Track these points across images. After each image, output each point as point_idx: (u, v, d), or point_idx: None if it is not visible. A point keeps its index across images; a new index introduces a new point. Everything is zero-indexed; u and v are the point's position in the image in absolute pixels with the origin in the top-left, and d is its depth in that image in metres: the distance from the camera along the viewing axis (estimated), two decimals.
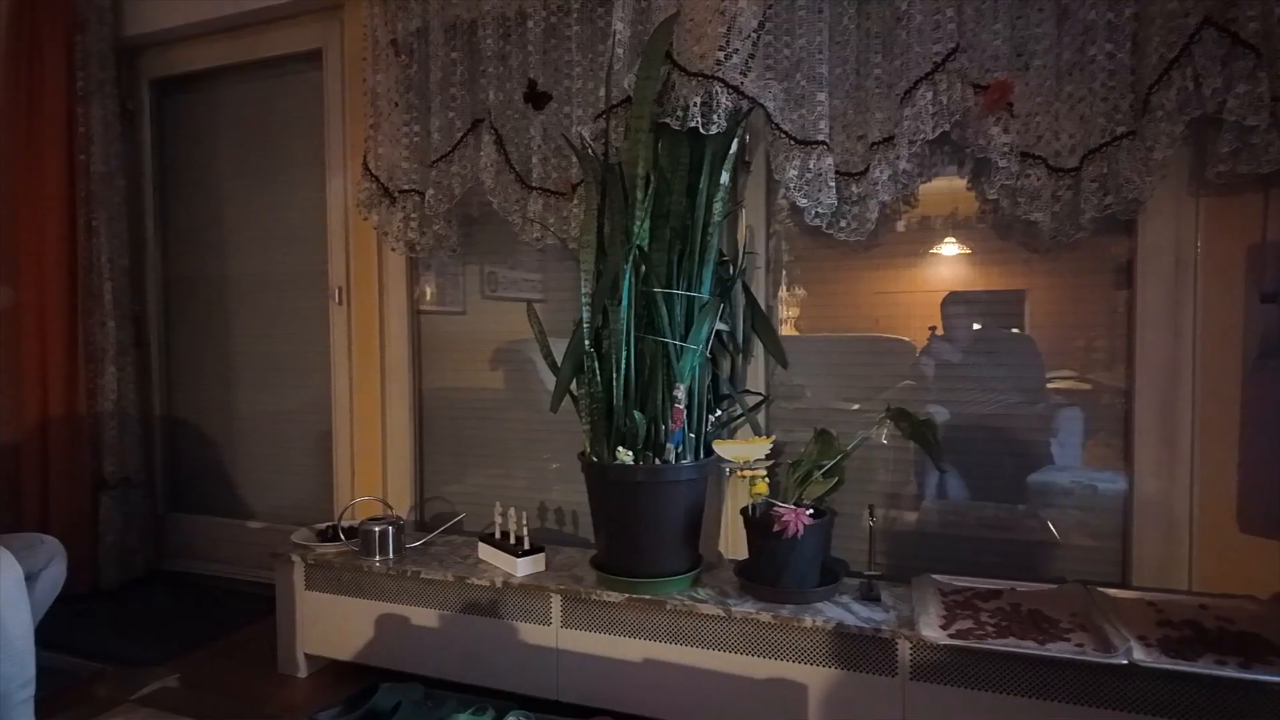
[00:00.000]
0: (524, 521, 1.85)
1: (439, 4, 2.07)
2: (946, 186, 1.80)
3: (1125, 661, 1.26)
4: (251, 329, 2.67)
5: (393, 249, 2.25)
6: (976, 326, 1.86)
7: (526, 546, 1.82)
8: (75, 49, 2.50)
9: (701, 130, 1.67)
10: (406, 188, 2.11)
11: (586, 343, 1.70)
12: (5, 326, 2.56)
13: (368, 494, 2.36)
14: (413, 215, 2.12)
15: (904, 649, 1.43)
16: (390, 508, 2.25)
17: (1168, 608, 1.49)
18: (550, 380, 2.24)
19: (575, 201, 1.96)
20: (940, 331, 1.86)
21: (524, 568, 1.79)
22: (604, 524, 1.73)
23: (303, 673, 1.98)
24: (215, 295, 2.71)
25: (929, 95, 1.64)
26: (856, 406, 1.92)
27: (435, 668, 1.83)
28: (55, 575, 1.28)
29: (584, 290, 1.73)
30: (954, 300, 1.85)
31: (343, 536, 1.99)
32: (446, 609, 1.82)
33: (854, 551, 1.86)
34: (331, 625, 1.94)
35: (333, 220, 2.43)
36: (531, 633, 1.75)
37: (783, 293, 1.97)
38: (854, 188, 1.74)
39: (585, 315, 1.71)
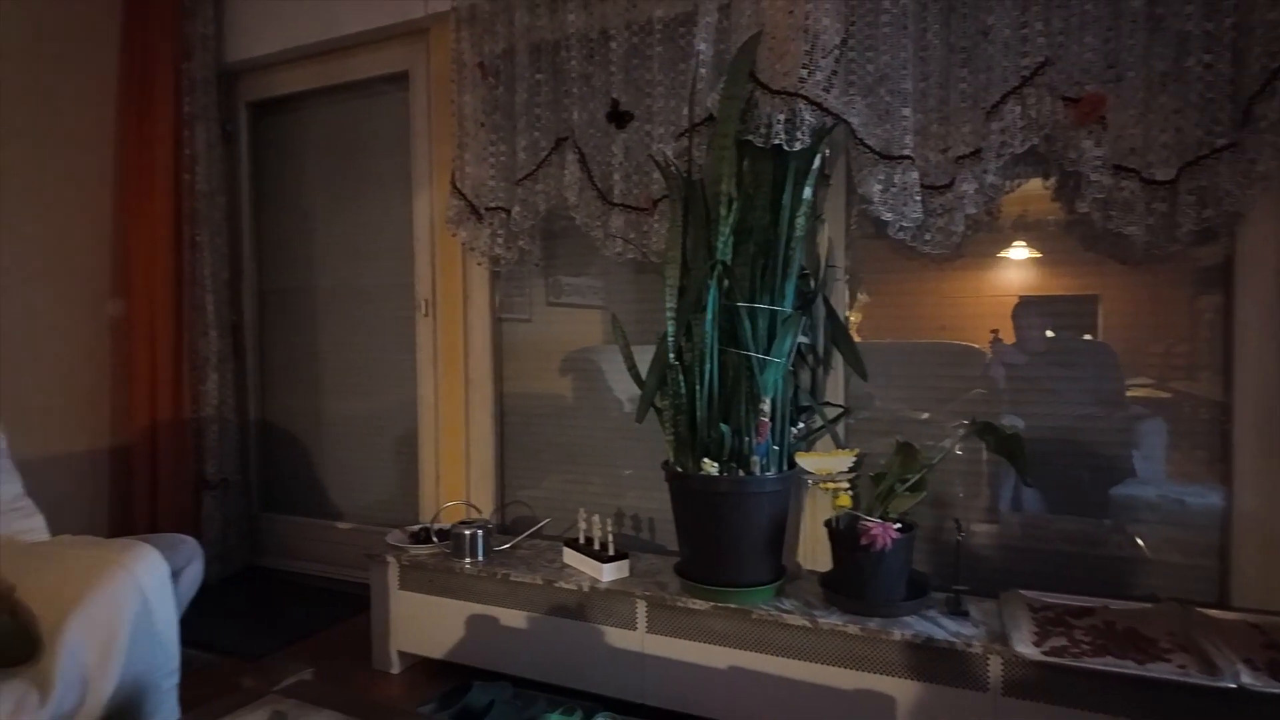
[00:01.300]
0: (608, 528, 1.91)
1: (524, 26, 2.14)
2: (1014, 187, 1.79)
3: (1234, 685, 1.24)
4: (340, 338, 2.80)
5: (479, 263, 2.34)
6: (1050, 334, 1.84)
7: (611, 552, 1.88)
8: (182, 76, 2.66)
9: (785, 147, 1.70)
10: (493, 205, 2.20)
11: (671, 355, 1.74)
12: (118, 336, 2.75)
13: (452, 497, 2.45)
14: (499, 231, 2.20)
15: (996, 665, 1.44)
16: (479, 511, 2.34)
17: (1273, 630, 1.45)
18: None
19: (656, 216, 2.01)
20: (1003, 336, 1.86)
21: (609, 573, 1.85)
22: (688, 533, 1.77)
23: (396, 669, 2.07)
24: (306, 306, 2.86)
25: (1017, 109, 1.64)
26: (926, 416, 1.92)
27: (523, 668, 1.90)
28: (195, 573, 1.39)
29: (668, 305, 1.77)
30: (1025, 305, 1.84)
31: (435, 539, 2.08)
32: (535, 611, 1.89)
33: (929, 564, 1.86)
34: (423, 624, 2.03)
35: (419, 235, 2.54)
36: (617, 637, 1.80)
37: (844, 297, 1.98)
38: (939, 200, 1.74)
39: (670, 329, 1.76)
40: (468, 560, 2.00)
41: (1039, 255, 1.83)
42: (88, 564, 1.26)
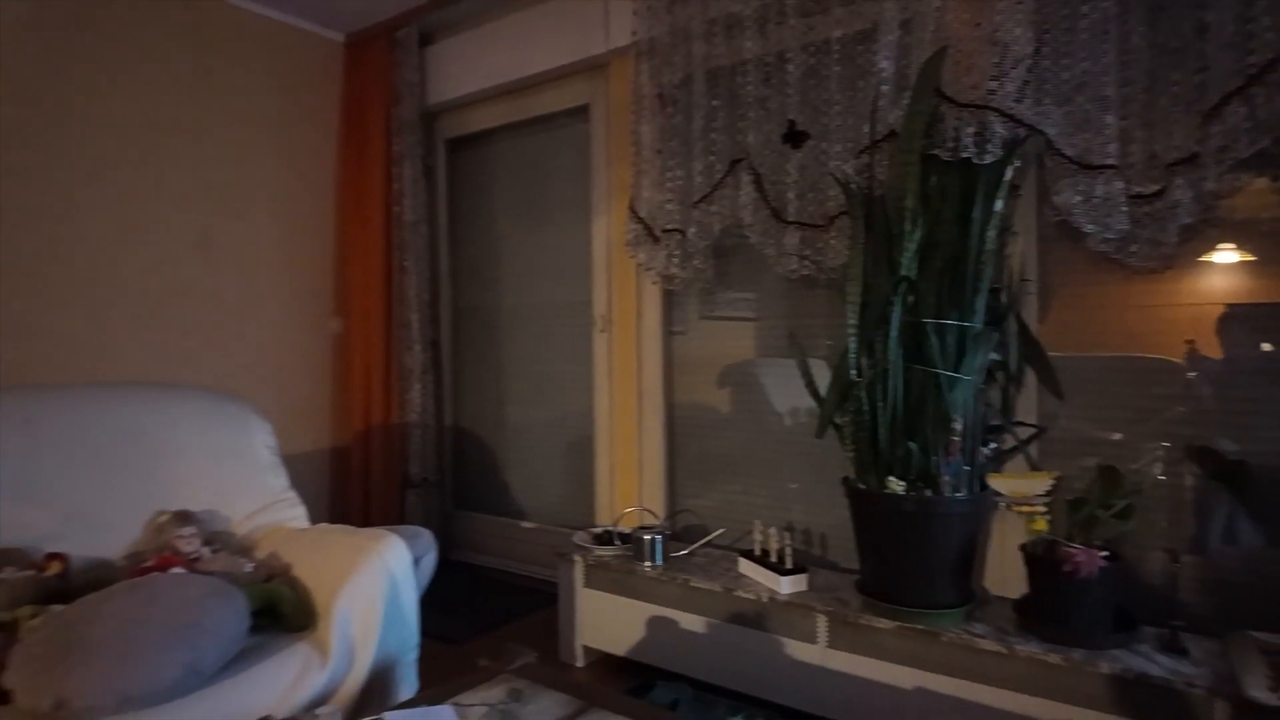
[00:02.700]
0: (786, 541, 1.95)
1: (702, 56, 2.25)
2: None
3: None
4: (523, 352, 3.03)
5: (654, 283, 2.46)
6: (1266, 346, 1.66)
7: (788, 565, 1.92)
8: (391, 120, 3.01)
9: (975, 160, 1.68)
10: (669, 227, 2.31)
11: (853, 372, 1.76)
12: (338, 351, 3.14)
13: (626, 503, 2.59)
14: (675, 252, 2.31)
15: (1222, 709, 1.33)
16: (656, 517, 2.46)
17: None
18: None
19: (832, 234, 2.04)
20: (1201, 348, 1.70)
21: (787, 586, 1.89)
22: (871, 550, 1.78)
23: (580, 662, 2.22)
24: (492, 323, 3.12)
25: (1242, 110, 1.52)
26: (1118, 436, 1.80)
27: (701, 671, 1.98)
28: (430, 562, 1.59)
29: (850, 321, 1.79)
30: (1233, 314, 1.67)
31: (618, 541, 2.22)
32: (713, 617, 1.96)
33: (1130, 597, 1.74)
34: (607, 621, 2.16)
35: (597, 256, 2.71)
36: (797, 649, 1.83)
37: (1035, 311, 1.90)
38: (1146, 209, 1.65)
39: (851, 345, 1.78)
40: (648, 563, 2.11)
41: (1252, 258, 1.67)
42: (348, 549, 1.48)
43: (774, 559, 1.97)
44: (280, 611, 1.41)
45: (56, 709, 1.08)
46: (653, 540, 2.12)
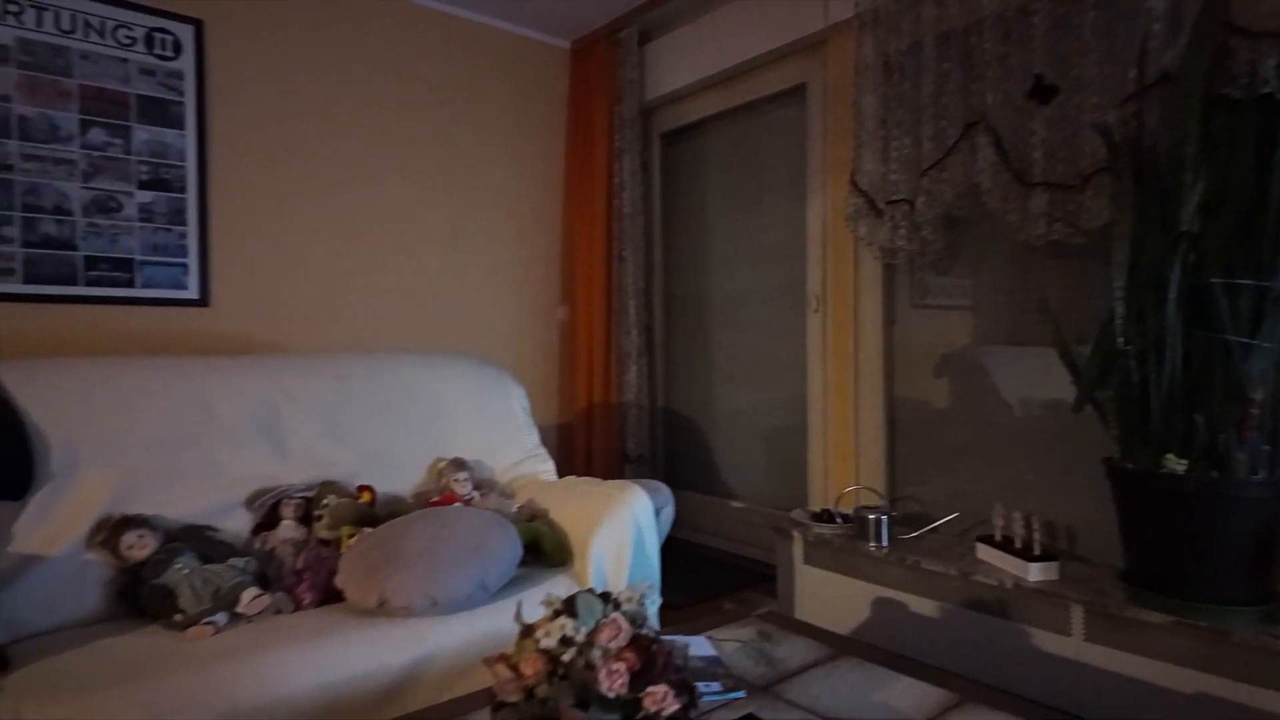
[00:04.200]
0: (1035, 526, 1.82)
1: (932, 19, 2.16)
2: None
3: None
4: (731, 337, 3.08)
5: (876, 258, 2.40)
6: None
7: (1037, 552, 1.78)
8: (614, 117, 3.20)
9: (1278, 96, 1.46)
10: (895, 198, 2.24)
11: (1120, 340, 1.60)
12: (564, 336, 3.39)
13: (841, 487, 2.54)
14: (901, 223, 2.23)
15: None
16: (882, 497, 2.39)
17: None
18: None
19: (1088, 192, 1.86)
20: None
21: (1036, 573, 1.75)
22: (1140, 537, 1.60)
23: None
24: (702, 308, 3.20)
25: None
26: None
27: (934, 656, 1.90)
28: (668, 514, 1.68)
29: (1117, 285, 1.63)
30: None
31: (839, 520, 2.19)
32: (947, 601, 1.87)
33: None
34: (827, 599, 2.14)
35: (812, 235, 2.69)
36: (1046, 640, 1.70)
37: None
38: None
39: (1118, 310, 1.62)
40: (872, 543, 2.05)
41: None
42: (598, 496, 1.61)
43: (1018, 545, 1.84)
44: (541, 548, 1.56)
45: (379, 605, 1.28)
46: (878, 520, 2.06)
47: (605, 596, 0.78)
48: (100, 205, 2.38)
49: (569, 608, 0.75)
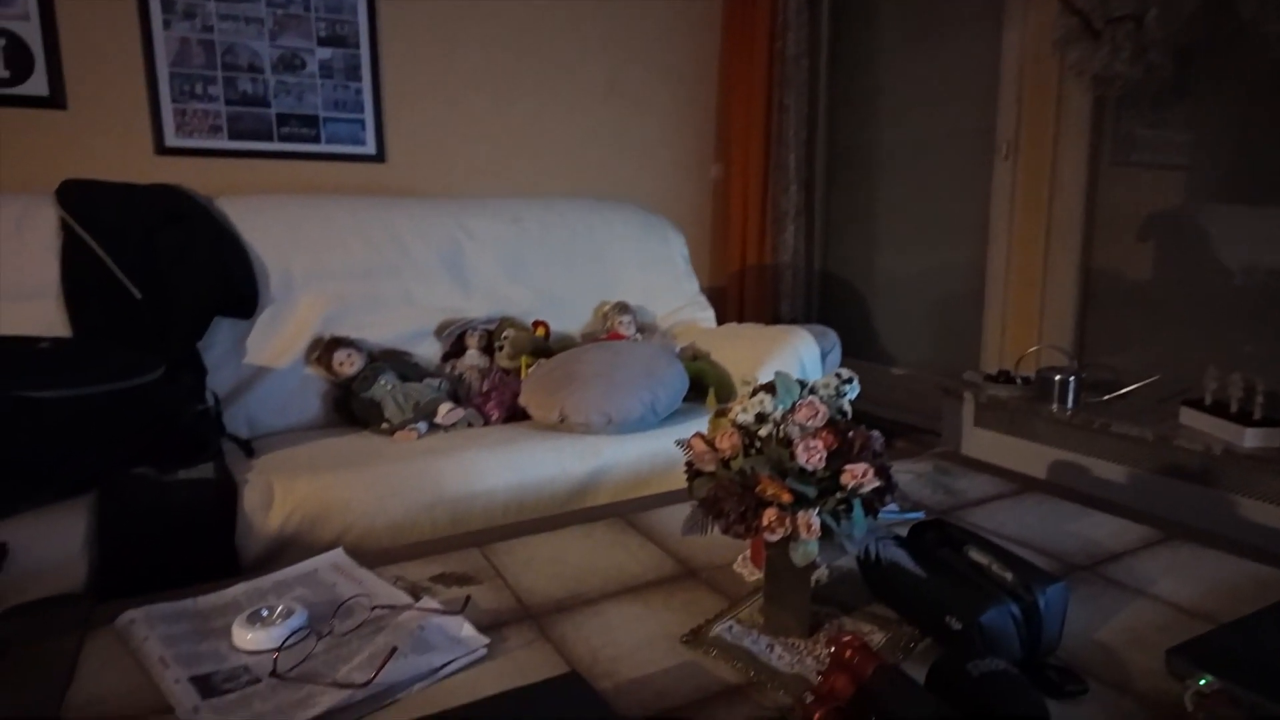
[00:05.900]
0: (1258, 389, 1.61)
1: None
2: None
3: None
4: (900, 192, 2.87)
5: (1086, 89, 2.10)
6: None
7: (1257, 416, 1.59)
8: None
9: None
10: (1118, 15, 1.92)
11: None
12: (717, 195, 3.30)
13: (1019, 352, 2.37)
14: (1123, 44, 1.92)
15: None
16: (1073, 359, 2.22)
17: None
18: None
19: None
20: None
21: (1252, 439, 1.57)
22: None
23: None
24: (870, 160, 2.98)
25: None
26: None
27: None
28: (835, 358, 1.65)
29: None
30: None
31: (1018, 380, 2.05)
32: (1137, 467, 1.74)
33: None
34: (999, 461, 2.04)
35: (1006, 69, 2.38)
36: (1256, 510, 1.54)
37: None
38: None
39: None
40: (1055, 404, 1.92)
41: None
42: (762, 339, 1.59)
43: (1233, 410, 1.65)
44: (704, 384, 1.58)
45: (561, 420, 1.36)
46: (1065, 380, 1.91)
47: (802, 383, 0.77)
48: (286, 62, 2.51)
49: (766, 389, 0.75)
